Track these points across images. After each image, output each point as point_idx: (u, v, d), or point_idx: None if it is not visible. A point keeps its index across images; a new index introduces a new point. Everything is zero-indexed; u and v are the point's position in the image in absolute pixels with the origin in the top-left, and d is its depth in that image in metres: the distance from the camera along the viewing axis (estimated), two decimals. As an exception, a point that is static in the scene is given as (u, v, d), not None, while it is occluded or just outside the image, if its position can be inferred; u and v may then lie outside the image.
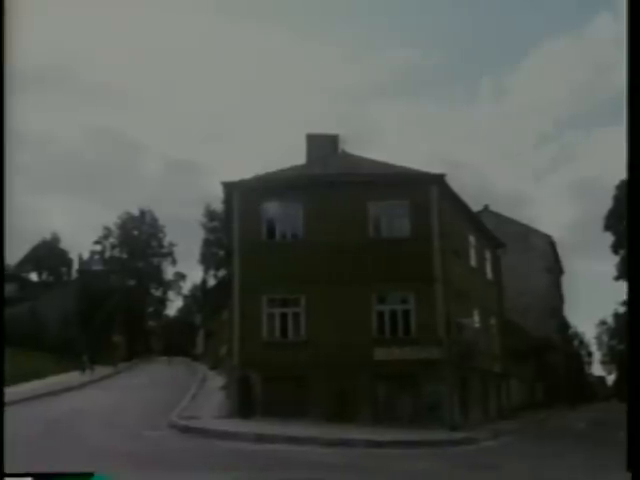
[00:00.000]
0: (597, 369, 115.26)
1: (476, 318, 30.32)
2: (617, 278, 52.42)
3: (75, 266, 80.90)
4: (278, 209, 26.51)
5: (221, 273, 68.06)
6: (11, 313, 60.86)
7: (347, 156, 30.49)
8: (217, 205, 66.89)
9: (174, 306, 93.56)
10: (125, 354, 61.82)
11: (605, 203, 52.74)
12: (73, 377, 41.06)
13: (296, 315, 25.65)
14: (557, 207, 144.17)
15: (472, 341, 27.96)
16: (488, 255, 34.59)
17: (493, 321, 34.03)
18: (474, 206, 35.37)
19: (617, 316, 70.89)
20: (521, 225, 57.49)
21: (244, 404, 24.15)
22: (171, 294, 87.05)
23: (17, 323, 58.88)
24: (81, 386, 37.23)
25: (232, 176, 27.53)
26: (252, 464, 14.53)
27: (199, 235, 76.33)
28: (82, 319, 60.26)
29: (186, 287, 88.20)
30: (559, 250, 63.96)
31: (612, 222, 50.38)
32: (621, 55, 7.43)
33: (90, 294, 62.93)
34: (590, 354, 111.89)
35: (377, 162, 28.90)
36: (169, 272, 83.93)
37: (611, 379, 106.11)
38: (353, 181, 26.73)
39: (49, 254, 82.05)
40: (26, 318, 59.38)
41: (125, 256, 78.78)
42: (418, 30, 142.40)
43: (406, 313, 25.39)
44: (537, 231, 59.37)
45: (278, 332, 25.72)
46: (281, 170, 28.64)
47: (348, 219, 25.82)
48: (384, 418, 23.66)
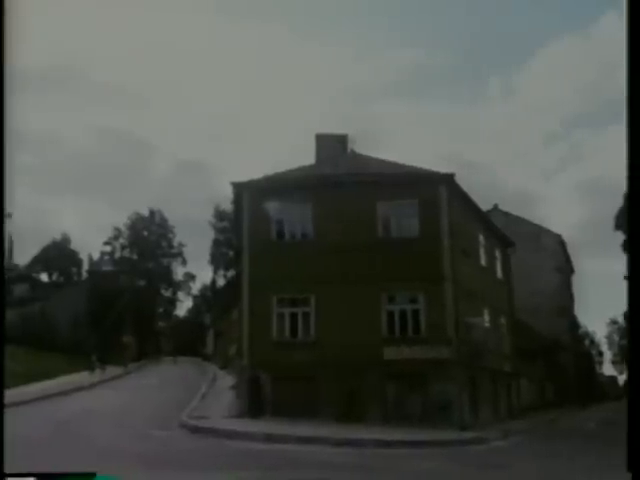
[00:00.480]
0: (608, 369, 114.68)
1: (486, 317, 30.27)
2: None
3: (85, 266, 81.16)
4: (287, 209, 26.53)
5: (231, 273, 68.07)
6: (22, 313, 61.22)
7: (356, 156, 30.48)
8: (226, 205, 66.93)
9: (184, 306, 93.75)
10: (135, 354, 61.90)
11: (615, 202, 52.59)
12: (83, 377, 41.13)
13: (306, 315, 25.67)
14: (567, 206, 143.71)
15: (482, 340, 27.91)
16: (498, 254, 34.52)
17: (503, 320, 33.95)
18: (483, 205, 35.30)
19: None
20: (531, 224, 57.28)
21: (254, 404, 24.19)
22: (181, 294, 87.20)
23: (28, 323, 59.19)
24: (91, 386, 37.29)
25: (241, 176, 27.58)
26: (262, 464, 14.54)
27: (209, 235, 76.47)
28: (92, 319, 60.42)
29: (196, 287, 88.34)
30: (569, 249, 63.74)
31: (622, 221, 50.07)
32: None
33: (100, 294, 63.08)
34: (601, 353, 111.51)
35: (386, 162, 28.87)
36: (179, 272, 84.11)
37: (622, 379, 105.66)
38: (362, 181, 26.72)
39: (59, 255, 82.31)
40: (37, 318, 59.63)
41: (135, 257, 78.91)
42: (424, 30, 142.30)
43: (416, 313, 25.36)
44: (547, 230, 59.13)
45: (288, 332, 25.76)
46: (290, 170, 28.68)
47: (357, 219, 25.82)
48: (394, 418, 23.64)
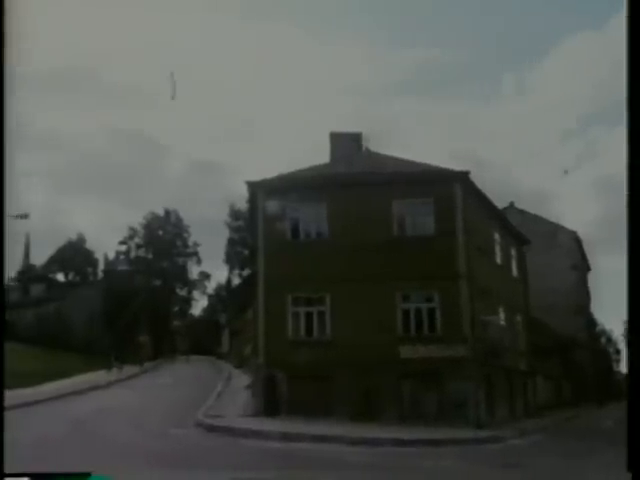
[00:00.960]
0: (625, 367, 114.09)
1: (501, 315, 30.19)
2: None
3: (101, 266, 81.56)
4: (302, 208, 26.56)
5: (246, 272, 68.15)
6: (38, 313, 61.70)
7: (371, 154, 30.45)
8: (241, 204, 67.01)
9: (199, 305, 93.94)
10: (151, 353, 62.11)
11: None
12: (99, 376, 41.30)
13: (321, 314, 25.67)
14: (582, 204, 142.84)
15: (497, 339, 27.84)
16: (513, 252, 34.42)
17: (519, 318, 33.85)
18: (499, 203, 35.18)
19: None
20: (547, 222, 57.09)
21: (269, 403, 24.23)
22: (196, 293, 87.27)
23: (44, 323, 59.61)
24: (108, 385, 37.45)
25: (255, 175, 27.61)
26: (278, 463, 14.57)
27: (224, 234, 76.56)
28: (108, 319, 60.70)
29: (211, 286, 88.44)
30: (585, 247, 63.46)
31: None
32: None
33: (116, 294, 63.35)
34: (618, 351, 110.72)
35: (401, 160, 28.83)
36: (194, 272, 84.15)
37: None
38: (377, 179, 26.71)
39: (75, 255, 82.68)
40: (53, 318, 60.01)
41: (150, 256, 79.06)
42: (438, 28, 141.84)
43: (431, 311, 25.32)
44: (563, 228, 58.92)
45: (303, 331, 25.77)
46: (305, 169, 28.67)
47: (372, 217, 25.80)
48: (409, 416, 23.60)
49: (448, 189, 26.17)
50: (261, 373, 25.36)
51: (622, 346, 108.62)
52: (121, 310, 61.24)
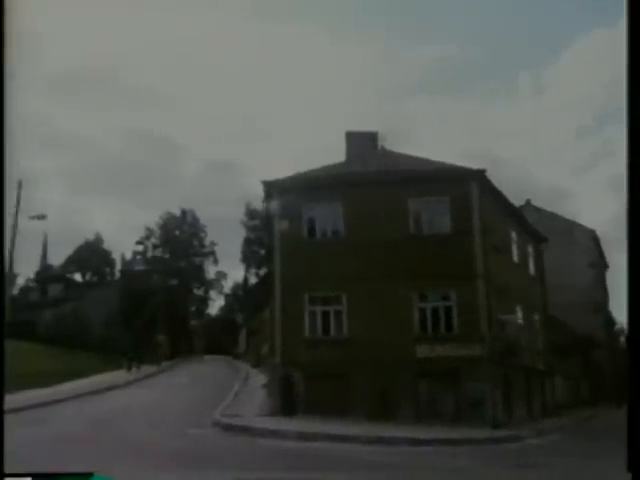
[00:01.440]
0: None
1: (519, 314, 30.04)
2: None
3: (118, 266, 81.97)
4: (319, 207, 26.56)
5: (262, 272, 68.23)
6: (56, 313, 62.13)
7: (386, 153, 30.42)
8: (257, 204, 67.10)
9: (216, 305, 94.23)
10: (168, 353, 62.32)
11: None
12: (117, 376, 41.48)
13: (338, 313, 25.66)
14: (599, 201, 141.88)
15: (515, 338, 27.70)
16: (530, 250, 34.26)
17: (536, 317, 33.68)
18: (515, 201, 35.01)
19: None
20: (564, 220, 56.70)
21: (286, 402, 24.24)
22: (213, 293, 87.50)
23: (62, 323, 60.02)
24: (125, 385, 37.59)
25: (271, 175, 27.65)
26: (295, 462, 14.57)
27: (240, 234, 76.70)
28: (125, 319, 61.00)
29: (228, 286, 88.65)
30: (603, 245, 63.01)
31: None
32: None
33: (133, 294, 63.66)
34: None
35: (417, 158, 28.77)
36: (211, 271, 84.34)
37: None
38: (393, 178, 26.65)
39: (92, 255, 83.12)
40: (71, 318, 60.40)
41: (167, 256, 79.29)
42: (453, 26, 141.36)
43: (448, 310, 25.24)
44: (580, 226, 58.53)
45: (320, 330, 25.76)
46: (321, 168, 28.67)
47: (389, 216, 25.76)
48: (426, 416, 23.54)
49: (464, 187, 26.08)
50: (278, 372, 25.37)
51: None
52: (138, 310, 61.53)
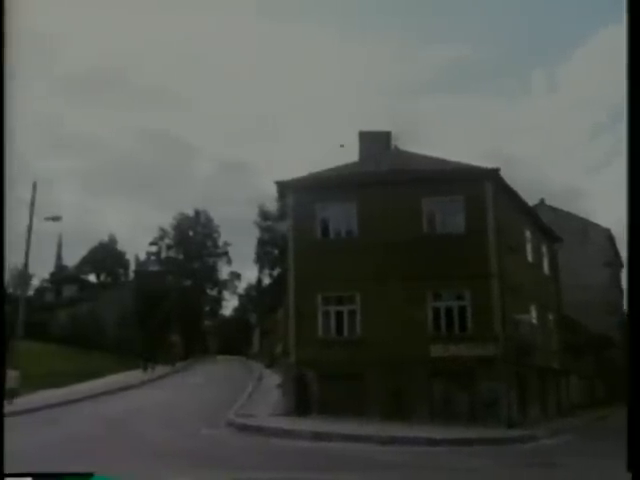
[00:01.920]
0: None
1: (533, 314, 29.92)
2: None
3: (132, 267, 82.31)
4: (332, 207, 26.56)
5: (276, 272, 68.29)
6: (71, 314, 62.46)
7: (400, 153, 30.36)
8: (271, 204, 67.17)
9: (230, 305, 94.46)
10: (182, 353, 62.52)
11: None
12: (132, 376, 41.68)
13: (352, 313, 25.64)
14: (614, 200, 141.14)
15: (529, 337, 27.60)
16: (545, 250, 34.11)
17: (551, 317, 33.54)
18: (529, 200, 34.86)
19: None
20: (578, 219, 56.47)
21: (300, 402, 24.25)
22: (226, 293, 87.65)
23: (77, 323, 60.37)
24: (140, 385, 37.76)
25: (285, 175, 27.67)
26: (309, 462, 14.58)
27: (254, 234, 76.79)
28: (139, 319, 61.25)
29: (241, 286, 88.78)
30: (618, 244, 62.69)
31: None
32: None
33: (147, 294, 63.88)
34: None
35: (430, 158, 28.70)
36: (224, 272, 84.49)
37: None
38: (407, 178, 26.59)
39: (107, 256, 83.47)
40: (85, 318, 60.72)
41: (181, 256, 79.50)
42: (467, 26, 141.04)
43: (462, 309, 25.16)
44: (595, 225, 58.27)
45: (334, 330, 25.73)
46: (334, 168, 28.67)
47: (402, 216, 25.71)
48: (440, 415, 23.49)
49: (478, 187, 25.99)
50: (292, 372, 25.38)
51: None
52: (152, 310, 61.76)
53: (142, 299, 63.35)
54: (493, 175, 26.16)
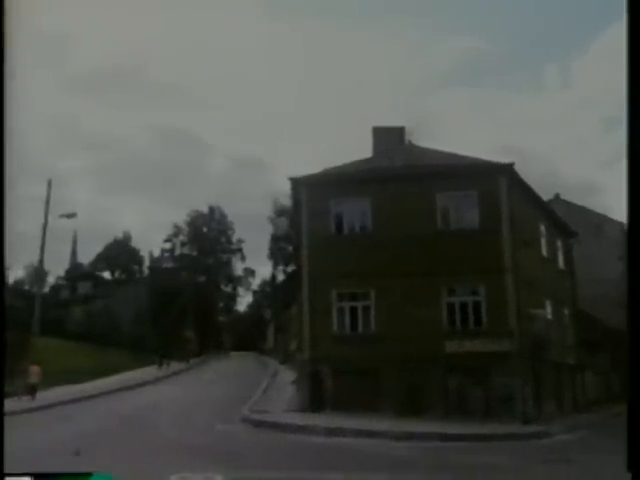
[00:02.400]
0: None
1: (548, 309, 29.74)
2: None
3: (146, 264, 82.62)
4: (346, 203, 26.50)
5: (290, 268, 68.32)
6: (87, 310, 62.78)
7: (414, 148, 30.26)
8: (285, 200, 67.16)
9: (244, 301, 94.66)
10: (196, 349, 62.70)
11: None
12: (147, 372, 41.85)
13: (366, 308, 25.59)
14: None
15: (544, 332, 27.44)
16: (560, 244, 33.93)
17: (566, 311, 33.36)
18: (544, 195, 34.67)
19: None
20: (593, 213, 56.11)
21: (315, 398, 24.24)
22: (241, 290, 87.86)
23: (92, 320, 60.64)
24: (155, 381, 37.91)
25: (299, 171, 27.64)
26: (324, 458, 14.58)
27: (267, 231, 76.81)
28: (154, 315, 61.47)
29: (255, 283, 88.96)
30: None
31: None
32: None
33: (161, 291, 64.09)
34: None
35: (444, 153, 28.58)
36: (238, 268, 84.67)
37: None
38: (421, 173, 26.50)
39: (121, 252, 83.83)
40: (101, 315, 60.98)
41: (195, 253, 79.69)
42: (481, 20, 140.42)
43: (477, 305, 25.06)
44: (610, 219, 57.90)
45: (348, 326, 25.69)
46: (348, 164, 28.61)
47: (416, 211, 25.62)
48: (455, 411, 23.42)
49: (493, 181, 25.87)
50: (306, 368, 25.38)
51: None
52: (167, 307, 61.96)
53: (156, 296, 63.56)
54: (507, 170, 26.03)
